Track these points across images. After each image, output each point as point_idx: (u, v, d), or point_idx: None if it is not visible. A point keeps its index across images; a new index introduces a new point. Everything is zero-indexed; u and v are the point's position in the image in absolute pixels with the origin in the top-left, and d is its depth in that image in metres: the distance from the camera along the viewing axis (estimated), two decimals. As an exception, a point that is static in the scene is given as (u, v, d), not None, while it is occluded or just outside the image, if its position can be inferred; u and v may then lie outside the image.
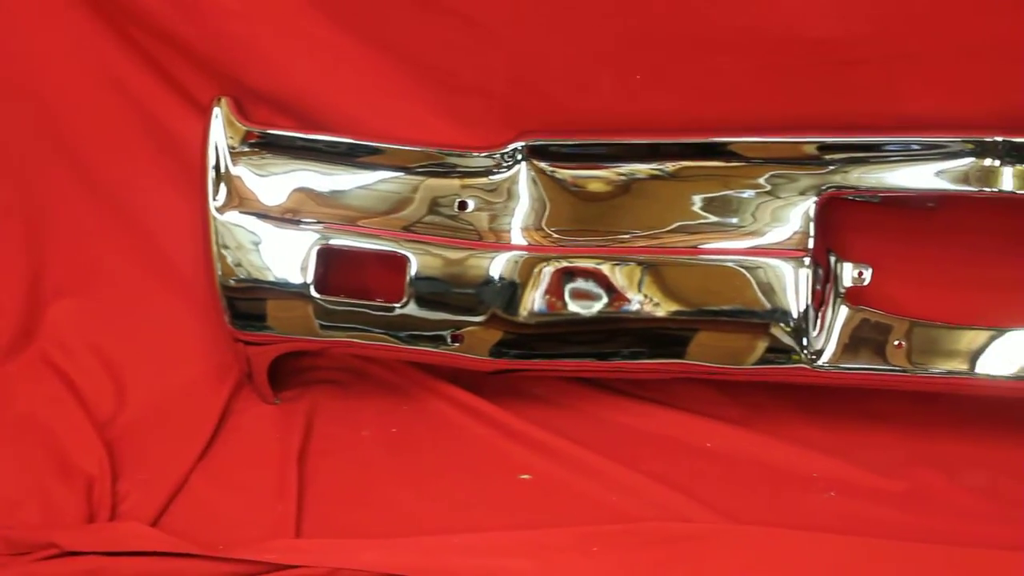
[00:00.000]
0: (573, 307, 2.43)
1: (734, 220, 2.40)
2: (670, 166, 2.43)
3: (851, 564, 2.18)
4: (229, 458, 2.48)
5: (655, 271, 2.42)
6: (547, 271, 2.43)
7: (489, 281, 2.44)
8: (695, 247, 2.42)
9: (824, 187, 2.35)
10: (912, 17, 2.30)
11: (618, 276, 2.42)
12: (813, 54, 2.35)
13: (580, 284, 2.43)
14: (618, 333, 2.46)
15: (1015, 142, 2.32)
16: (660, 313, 2.43)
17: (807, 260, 2.36)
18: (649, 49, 2.39)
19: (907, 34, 2.31)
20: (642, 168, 2.46)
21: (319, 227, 2.48)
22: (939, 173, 2.35)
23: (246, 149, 2.49)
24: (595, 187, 2.45)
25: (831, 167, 2.36)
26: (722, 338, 2.43)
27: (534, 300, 2.43)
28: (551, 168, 2.44)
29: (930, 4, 2.30)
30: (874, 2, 2.30)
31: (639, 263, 2.43)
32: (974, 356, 2.40)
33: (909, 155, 2.36)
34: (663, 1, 2.37)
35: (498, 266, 2.44)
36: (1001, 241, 2.44)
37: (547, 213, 2.44)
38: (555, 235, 2.43)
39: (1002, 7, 2.29)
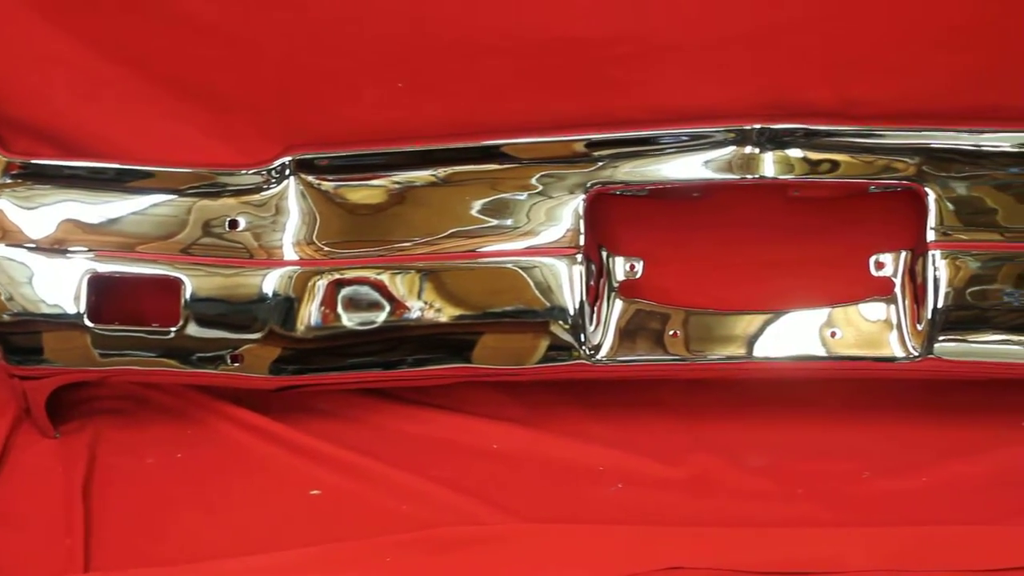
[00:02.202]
0: (352, 319, 2.42)
1: (509, 222, 2.41)
2: (442, 172, 2.44)
3: (641, 553, 2.20)
4: (12, 496, 2.43)
5: (435, 277, 2.42)
6: (321, 285, 2.42)
7: (264, 298, 2.42)
8: (473, 251, 2.42)
9: (590, 184, 2.35)
10: (667, 11, 2.34)
11: (397, 285, 2.41)
12: (573, 53, 2.37)
13: (357, 295, 2.43)
14: (401, 341, 2.45)
15: (773, 129, 2.37)
16: (443, 319, 2.42)
17: (579, 257, 2.37)
18: (410, 56, 2.39)
19: (663, 28, 2.35)
20: (414, 175, 2.45)
21: (90, 255, 2.44)
22: (703, 163, 2.38)
23: (8, 181, 2.44)
24: (367, 197, 2.45)
25: (600, 163, 2.39)
26: (505, 340, 2.43)
27: (310, 314, 2.42)
28: (318, 181, 2.43)
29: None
30: (634, 1, 2.29)
31: (418, 270, 2.43)
32: (750, 340, 2.45)
33: (674, 147, 2.39)
34: (421, 8, 2.34)
35: (271, 283, 2.42)
36: (765, 226, 2.50)
37: (318, 226, 2.43)
38: (327, 248, 2.42)
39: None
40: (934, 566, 2.15)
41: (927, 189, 2.33)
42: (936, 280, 2.33)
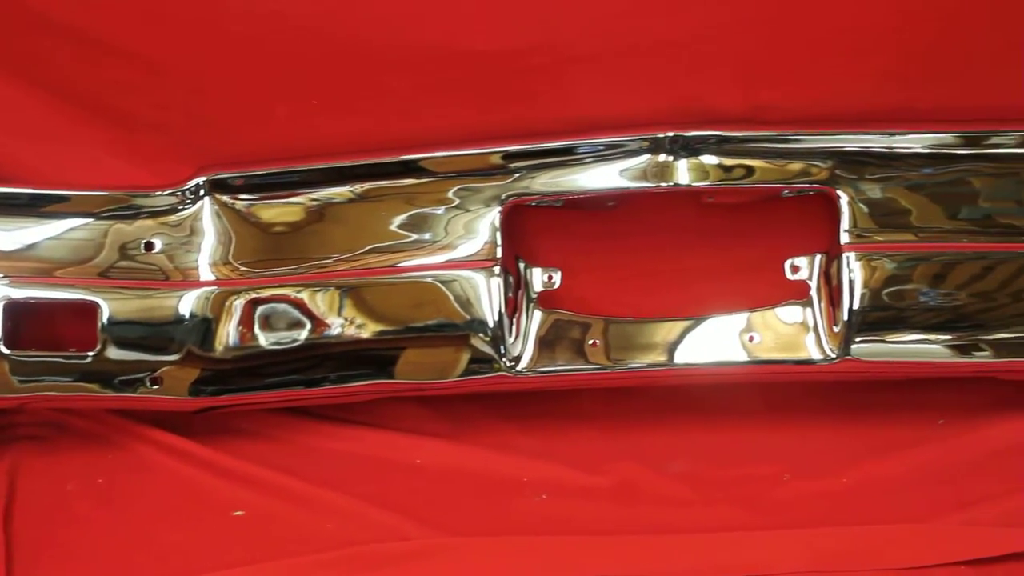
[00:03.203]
0: (271, 338, 2.41)
1: (427, 236, 2.41)
2: (359, 188, 2.44)
3: (566, 563, 2.21)
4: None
5: (355, 294, 2.42)
6: (239, 304, 2.41)
7: (181, 319, 2.42)
8: (392, 266, 2.41)
9: (506, 196, 2.35)
10: (575, 22, 2.34)
11: (317, 302, 2.41)
12: (484, 66, 2.37)
13: (277, 314, 2.42)
14: (323, 359, 2.45)
15: (686, 136, 2.38)
16: (364, 335, 2.42)
17: (496, 269, 2.37)
18: (323, 73, 2.38)
19: (573, 39, 2.35)
20: (331, 192, 2.45)
21: (5, 281, 2.42)
22: (618, 172, 2.39)
23: (-85, 210, 2.39)
24: (284, 215, 2.44)
25: (515, 175, 2.38)
26: (426, 354, 2.44)
27: (229, 335, 2.41)
28: (233, 200, 2.42)
29: (595, 8, 2.33)
30: (539, 11, 2.31)
31: (338, 287, 2.42)
32: (670, 347, 2.46)
33: (588, 157, 2.39)
34: (333, 24, 2.34)
35: (188, 304, 2.41)
36: (681, 233, 2.51)
37: (234, 246, 2.42)
38: (243, 267, 2.41)
39: (665, 6, 2.34)
40: (856, 566, 2.17)
41: (840, 192, 2.35)
42: (851, 282, 2.35)
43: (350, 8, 2.33)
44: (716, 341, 2.45)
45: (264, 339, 2.41)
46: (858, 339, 2.36)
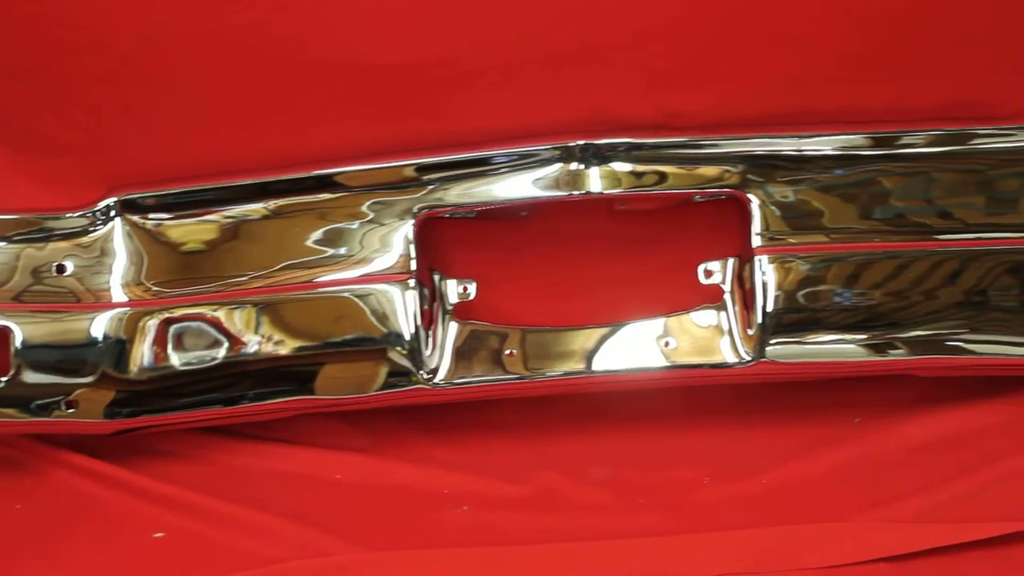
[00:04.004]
0: (187, 357, 2.40)
1: (343, 251, 2.41)
2: (273, 204, 2.43)
3: (490, 574, 2.19)
4: None
5: (272, 310, 2.41)
6: (152, 324, 2.40)
7: (94, 342, 2.40)
8: (309, 282, 2.40)
9: (418, 208, 2.35)
10: (481, 34, 2.34)
11: (234, 320, 2.40)
12: (390, 79, 2.36)
13: (192, 333, 2.41)
14: (241, 377, 2.44)
15: (596, 144, 2.39)
16: (282, 351, 2.41)
17: (411, 282, 2.36)
18: (229, 91, 2.35)
19: (478, 51, 2.35)
20: (244, 209, 2.45)
21: (-85, 310, 2.37)
22: (530, 182, 2.39)
23: None
24: (197, 234, 2.44)
25: (428, 187, 2.38)
26: (344, 369, 2.43)
27: (143, 355, 2.40)
28: (143, 220, 2.41)
29: (498, 19, 2.33)
30: (442, 23, 2.31)
31: (254, 304, 2.41)
32: (587, 355, 2.46)
33: (500, 167, 2.40)
34: (235, 42, 2.33)
35: (101, 325, 2.40)
36: (595, 241, 2.52)
37: (146, 266, 2.41)
38: (156, 288, 2.41)
39: (569, 16, 2.33)
40: (777, 567, 2.18)
41: (750, 196, 2.36)
42: (764, 284, 2.36)
43: (253, 26, 2.31)
44: (633, 347, 2.45)
45: (180, 359, 2.39)
46: (773, 341, 2.37)
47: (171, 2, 2.32)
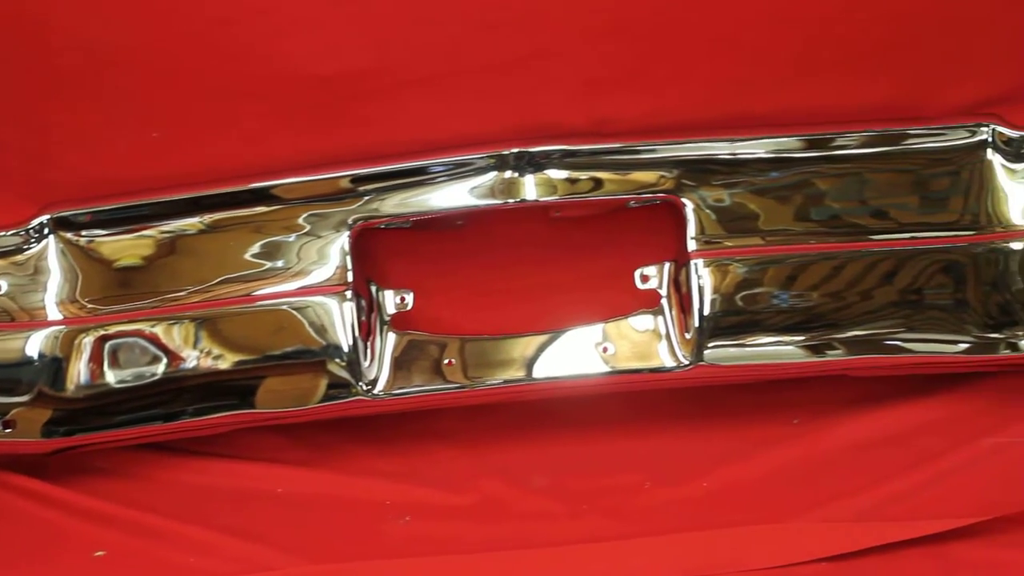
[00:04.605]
0: (125, 373, 2.39)
1: (280, 263, 2.40)
2: (208, 218, 2.42)
3: (431, 586, 2.15)
4: None
5: (210, 325, 2.40)
6: (88, 342, 2.39)
7: (30, 360, 2.39)
8: (247, 295, 2.39)
9: (353, 219, 2.35)
10: (413, 44, 2.34)
11: (173, 335, 2.39)
12: (325, 91, 2.36)
13: (129, 349, 2.40)
14: (180, 392, 2.43)
15: (530, 152, 2.39)
16: (221, 366, 2.41)
17: (348, 293, 2.36)
18: (160, 106, 2.35)
19: (410, 61, 2.35)
20: (179, 224, 2.44)
21: None
22: (465, 191, 2.39)
23: None
24: (132, 250, 2.43)
25: (363, 198, 2.38)
26: (284, 382, 2.43)
27: (80, 373, 2.38)
28: (77, 237, 2.39)
29: (430, 29, 2.32)
30: (373, 34, 2.32)
31: (193, 319, 2.40)
32: (527, 362, 2.46)
33: (434, 177, 2.40)
34: (166, 56, 2.32)
35: (36, 344, 2.39)
36: (531, 248, 2.52)
37: (81, 283, 2.40)
38: (92, 305, 2.39)
39: (502, 24, 2.34)
40: (719, 569, 2.19)
41: (685, 200, 2.37)
42: (700, 288, 2.37)
43: (185, 39, 2.31)
44: (572, 353, 2.45)
45: (118, 376, 2.38)
46: (710, 344, 2.38)
47: (107, 17, 2.32)
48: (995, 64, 2.43)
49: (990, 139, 2.41)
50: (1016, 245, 2.40)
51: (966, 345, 2.42)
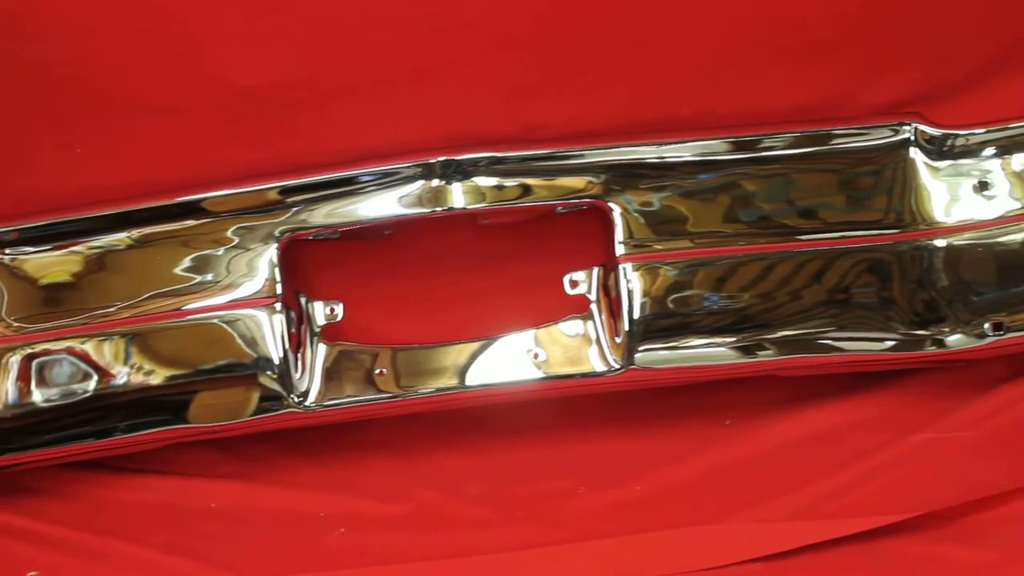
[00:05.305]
0: (55, 391, 2.37)
1: (210, 277, 2.39)
2: (136, 233, 2.41)
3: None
4: None
5: (141, 340, 2.39)
6: (15, 361, 2.37)
7: (-45, 382, 2.33)
8: (177, 309, 2.38)
9: (280, 231, 2.34)
10: (338, 54, 2.34)
11: (103, 352, 2.37)
12: (252, 103, 2.35)
13: (59, 367, 2.38)
14: (112, 409, 2.42)
15: (457, 160, 2.39)
16: (153, 381, 2.40)
17: (278, 306, 2.35)
18: (84, 120, 2.33)
19: (336, 71, 2.35)
20: (107, 240, 2.42)
21: None
22: (392, 200, 2.39)
23: None
24: (59, 266, 2.41)
25: (290, 210, 2.37)
26: (216, 396, 2.42)
27: (8, 392, 2.36)
28: (1, 255, 2.36)
29: (355, 39, 2.33)
30: (298, 44, 2.31)
31: (123, 335, 2.38)
32: (459, 370, 2.46)
33: (362, 187, 2.39)
34: (89, 70, 2.31)
35: (-40, 365, 2.34)
36: (460, 256, 2.53)
37: (6, 302, 2.38)
38: (18, 323, 2.37)
39: (427, 33, 2.35)
40: (654, 572, 2.19)
41: (612, 205, 2.38)
42: (629, 292, 2.37)
43: (108, 53, 2.30)
44: (503, 360, 2.46)
45: (47, 394, 2.37)
46: (641, 348, 2.39)
47: (28, 31, 2.31)
48: (917, 63, 2.43)
49: (912, 137, 2.43)
50: (940, 242, 2.41)
51: (893, 343, 2.43)
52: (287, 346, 2.37)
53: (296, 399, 2.38)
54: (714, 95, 2.44)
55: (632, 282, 2.37)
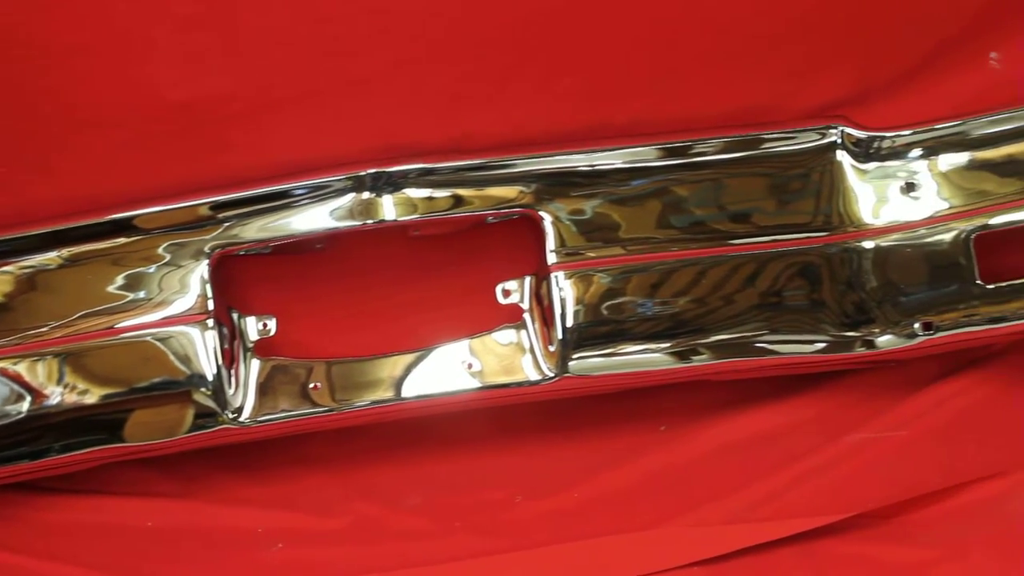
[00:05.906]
0: (-15, 413, 2.33)
1: (142, 294, 2.38)
2: (67, 252, 2.39)
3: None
4: None
5: (74, 360, 2.38)
6: (-55, 382, 2.32)
7: None
8: (110, 328, 2.36)
9: (211, 247, 2.34)
10: (269, 67, 2.34)
11: (36, 372, 2.36)
12: (183, 117, 2.34)
13: (-11, 388, 2.34)
14: (46, 429, 2.40)
15: (388, 172, 2.39)
16: (87, 400, 2.38)
17: (210, 322, 2.34)
18: (12, 136, 2.31)
19: (267, 84, 2.34)
20: (37, 260, 2.39)
21: None
22: (323, 214, 2.39)
23: None
24: (-12, 286, 2.35)
25: (221, 225, 2.36)
26: (151, 414, 2.41)
27: (-61, 415, 2.32)
28: (-72, 278, 2.34)
29: (285, 51, 2.34)
30: (229, 58, 2.33)
31: (56, 355, 2.36)
32: (394, 382, 2.46)
33: (292, 201, 2.39)
34: (17, 88, 2.29)
35: None
36: (392, 268, 2.53)
37: (-64, 324, 2.33)
38: (-54, 344, 2.33)
39: (358, 44, 2.36)
40: (592, 578, 2.16)
41: (543, 214, 2.39)
42: (562, 300, 2.37)
43: (37, 68, 2.28)
44: (438, 371, 2.46)
45: (-22, 415, 2.32)
46: (575, 356, 2.40)
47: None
48: (846, 66, 2.45)
49: (839, 140, 2.44)
50: (868, 244, 2.43)
51: (825, 344, 2.45)
52: (220, 362, 2.36)
53: (230, 415, 2.37)
54: (648, 103, 2.45)
55: (564, 290, 2.37)
